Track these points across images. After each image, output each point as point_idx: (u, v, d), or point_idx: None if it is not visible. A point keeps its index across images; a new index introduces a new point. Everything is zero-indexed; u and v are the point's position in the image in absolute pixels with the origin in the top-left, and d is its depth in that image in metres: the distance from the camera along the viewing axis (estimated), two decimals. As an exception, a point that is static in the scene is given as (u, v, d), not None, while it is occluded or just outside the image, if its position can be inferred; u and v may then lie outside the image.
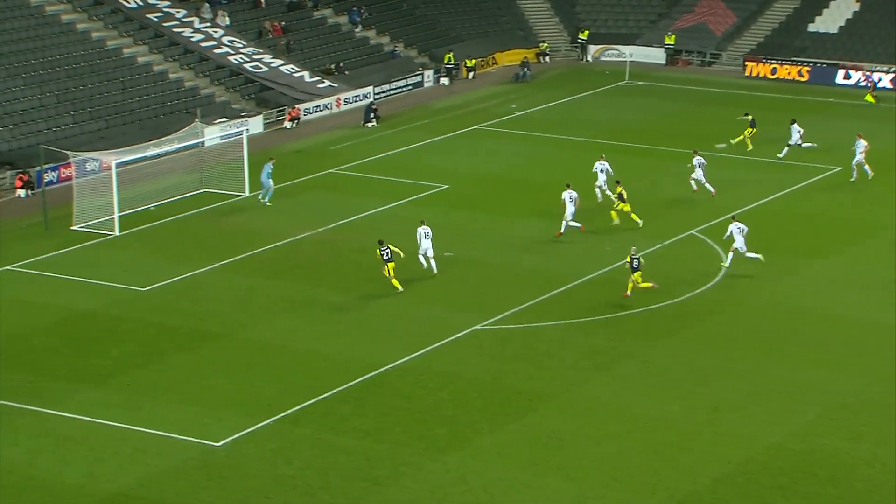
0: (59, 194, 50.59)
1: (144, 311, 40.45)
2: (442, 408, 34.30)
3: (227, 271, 44.04)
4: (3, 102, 57.01)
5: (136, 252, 45.88)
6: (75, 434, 32.26)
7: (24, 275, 43.56)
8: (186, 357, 37.18)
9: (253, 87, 65.88)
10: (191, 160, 53.90)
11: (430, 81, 72.13)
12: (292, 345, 38.09)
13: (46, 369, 36.01)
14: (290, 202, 51.52)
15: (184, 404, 34.00)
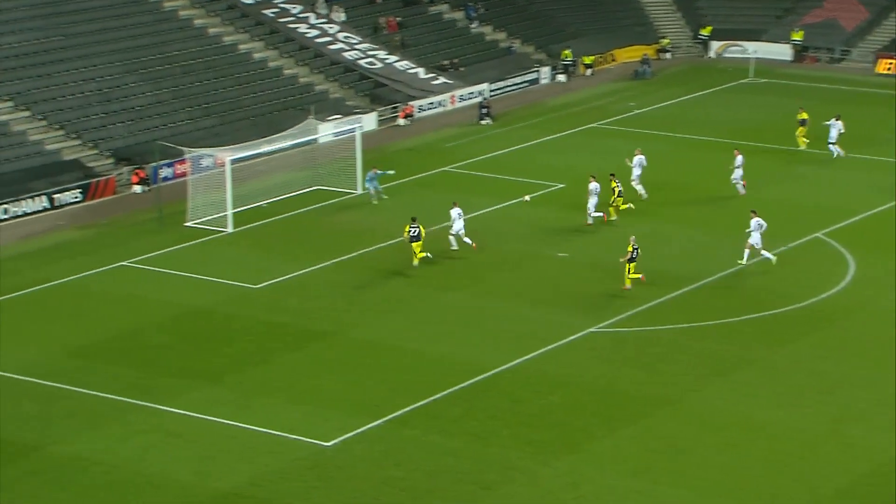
0: (173, 190, 51.50)
1: (256, 308, 40.95)
2: (553, 412, 34.13)
3: (337, 269, 44.38)
4: (121, 98, 58.24)
5: (249, 249, 46.46)
6: (186, 431, 32.78)
7: (139, 270, 44.43)
8: (296, 356, 37.55)
9: (367, 83, 66.33)
10: (304, 157, 54.44)
11: (547, 78, 71.85)
12: (401, 345, 38.24)
13: (159, 366, 36.67)
14: (402, 200, 51.69)
15: (293, 403, 34.33)
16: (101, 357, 37.09)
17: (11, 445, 31.76)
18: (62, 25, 60.04)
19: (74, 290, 42.42)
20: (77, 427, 32.82)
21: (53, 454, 31.48)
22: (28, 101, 55.90)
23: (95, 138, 55.68)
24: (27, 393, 34.71)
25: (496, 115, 64.36)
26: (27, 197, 50.46)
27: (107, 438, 32.28)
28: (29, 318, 39.98)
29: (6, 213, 49.67)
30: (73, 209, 51.10)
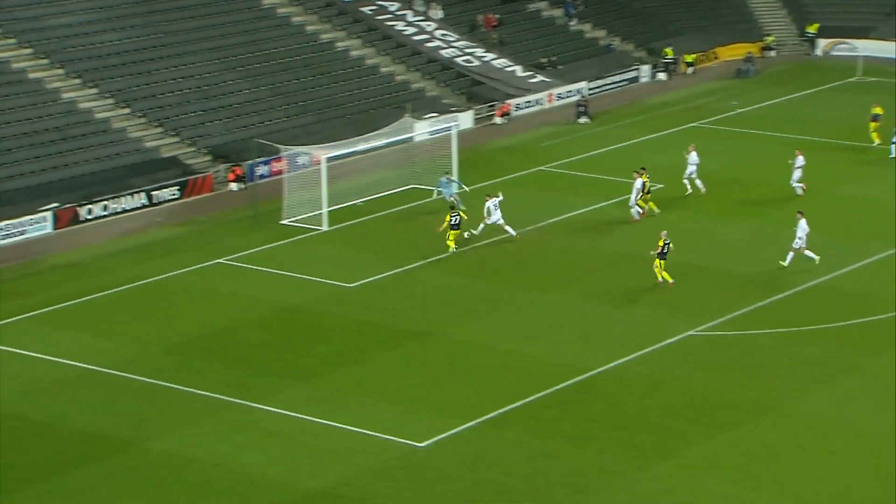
0: (269, 188, 52.00)
1: (350, 307, 41.18)
2: (650, 415, 33.83)
3: (431, 269, 44.44)
4: (219, 96, 58.95)
5: (343, 248, 46.75)
6: (280, 430, 33.06)
7: (235, 268, 44.93)
8: (390, 355, 37.68)
9: (464, 81, 66.37)
10: (400, 156, 54.63)
11: (647, 77, 71.29)
12: (496, 345, 38.18)
13: (254, 364, 37.03)
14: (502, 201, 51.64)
15: (387, 403, 34.45)
16: (197, 354, 37.57)
17: (108, 441, 32.31)
18: (162, 23, 60.93)
19: (171, 287, 43.03)
20: (173, 424, 33.27)
21: (150, 450, 31.94)
22: (128, 98, 56.83)
23: (193, 136, 56.44)
24: (124, 389, 35.27)
25: (594, 114, 64.00)
26: (126, 194, 51.30)
27: (203, 436, 32.67)
28: (126, 315, 40.63)
29: (105, 210, 50.55)
30: (171, 206, 51.83)
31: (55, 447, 32.00)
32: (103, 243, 47.68)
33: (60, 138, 53.10)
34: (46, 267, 45.30)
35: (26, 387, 35.31)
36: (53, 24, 58.08)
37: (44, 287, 43.04)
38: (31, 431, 32.76)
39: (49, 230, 48.89)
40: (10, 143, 51.85)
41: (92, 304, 41.48)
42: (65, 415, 33.62)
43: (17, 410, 33.85)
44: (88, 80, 56.66)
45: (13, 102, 53.53)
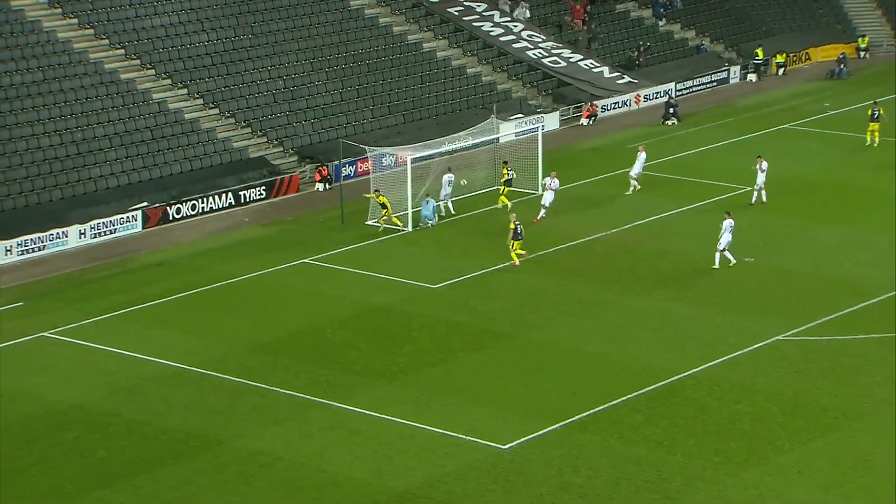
0: (355, 188, 52.33)
1: (436, 308, 41.31)
2: (739, 421, 33.53)
3: (517, 270, 44.44)
4: (307, 97, 59.43)
5: (428, 248, 46.90)
6: (365, 429, 33.26)
7: (321, 268, 45.28)
8: (476, 356, 37.73)
9: (551, 82, 66.24)
10: (485, 156, 54.68)
11: (737, 78, 70.63)
12: (583, 348, 38.08)
13: (340, 363, 37.29)
14: (584, 202, 51.52)
15: (472, 404, 34.50)
16: (284, 353, 37.92)
17: (197, 438, 32.73)
18: (251, 25, 61.53)
19: (258, 286, 43.49)
20: (260, 422, 33.62)
21: (237, 448, 32.31)
22: (217, 99, 57.50)
23: (281, 136, 56.96)
24: (213, 387, 35.71)
25: (682, 116, 63.53)
26: (214, 193, 51.92)
27: (289, 434, 32.98)
28: (214, 314, 41.14)
29: (194, 210, 51.21)
30: (258, 206, 52.37)
31: (146, 444, 32.50)
32: (192, 242, 48.32)
33: (151, 138, 53.87)
34: (136, 265, 46.02)
35: (119, 384, 35.90)
36: (146, 26, 58.93)
37: (134, 285, 43.72)
38: (122, 428, 33.30)
39: (139, 229, 49.65)
40: (103, 143, 52.71)
41: (181, 302, 42.06)
42: (156, 412, 34.13)
43: (110, 407, 34.43)
44: (179, 80, 57.44)
45: (106, 103, 54.41)
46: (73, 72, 54.96)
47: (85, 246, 47.92)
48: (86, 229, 48.26)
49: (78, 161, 51.44)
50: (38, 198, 49.37)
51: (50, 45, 55.64)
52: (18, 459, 31.75)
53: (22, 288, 43.65)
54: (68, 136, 52.20)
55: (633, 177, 52.12)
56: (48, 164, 50.78)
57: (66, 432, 33.04)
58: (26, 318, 40.72)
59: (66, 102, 53.47)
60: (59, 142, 51.80)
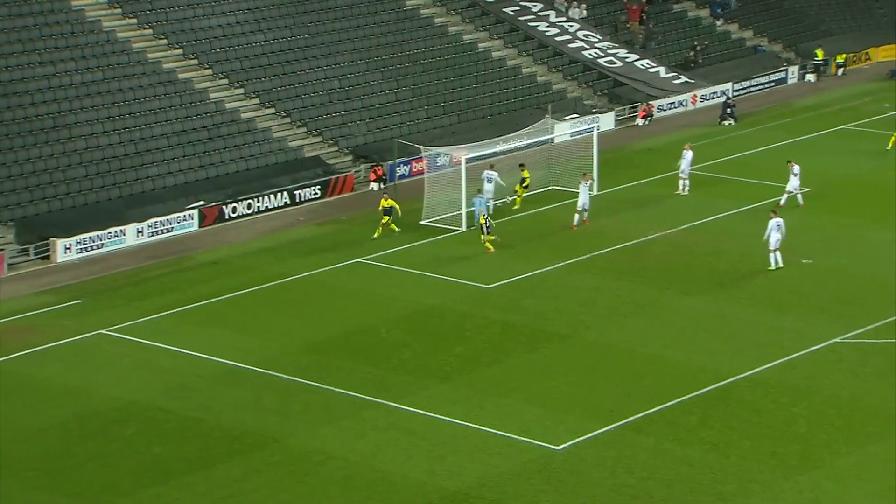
0: (409, 188, 52.40)
1: (489, 308, 41.29)
2: (795, 424, 33.25)
3: (572, 270, 44.33)
4: (362, 96, 59.60)
5: (482, 248, 46.87)
6: (418, 429, 33.31)
7: (375, 267, 45.39)
8: (530, 357, 37.69)
9: (606, 82, 66.02)
10: (539, 157, 54.59)
11: (795, 78, 70.04)
12: (637, 349, 37.93)
13: (394, 363, 37.38)
14: (639, 202, 51.30)
15: (526, 405, 34.46)
16: (338, 352, 38.06)
17: (252, 436, 32.92)
18: (307, 25, 61.82)
19: (312, 285, 43.67)
20: (314, 421, 33.77)
21: (292, 447, 32.47)
22: (273, 98, 57.81)
23: (336, 136, 57.17)
24: (267, 386, 35.91)
25: (739, 116, 63.09)
26: (269, 193, 52.20)
27: (343, 434, 33.09)
28: (269, 313, 41.35)
29: (249, 209, 51.51)
30: (312, 205, 52.59)
31: (200, 441, 32.74)
32: (246, 241, 48.61)
33: (207, 138, 54.26)
34: (192, 264, 46.36)
35: (174, 382, 36.19)
36: (203, 26, 59.36)
37: (189, 284, 44.05)
38: (177, 425, 33.57)
39: (195, 228, 50.01)
40: (160, 142, 53.15)
41: (236, 301, 42.32)
42: (210, 410, 34.37)
43: (165, 404, 34.72)
44: (235, 80, 57.81)
45: (164, 103, 54.86)
46: (131, 71, 55.47)
47: (142, 244, 48.35)
48: (143, 228, 48.70)
49: (136, 160, 51.91)
50: (97, 196, 49.88)
51: (109, 45, 56.19)
52: (75, 455, 32.10)
53: (80, 286, 44.12)
54: (126, 135, 52.70)
55: (683, 176, 51.80)
56: (106, 163, 51.29)
57: (122, 429, 33.35)
58: (84, 315, 41.15)
59: (124, 102, 53.97)
60: (117, 141, 52.31)
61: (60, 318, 41.00)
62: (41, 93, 52.56)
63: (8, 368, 37.13)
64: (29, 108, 51.82)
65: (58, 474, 31.29)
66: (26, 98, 52.11)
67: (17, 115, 51.39)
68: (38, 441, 32.74)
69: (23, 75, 52.89)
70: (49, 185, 49.38)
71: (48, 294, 43.33)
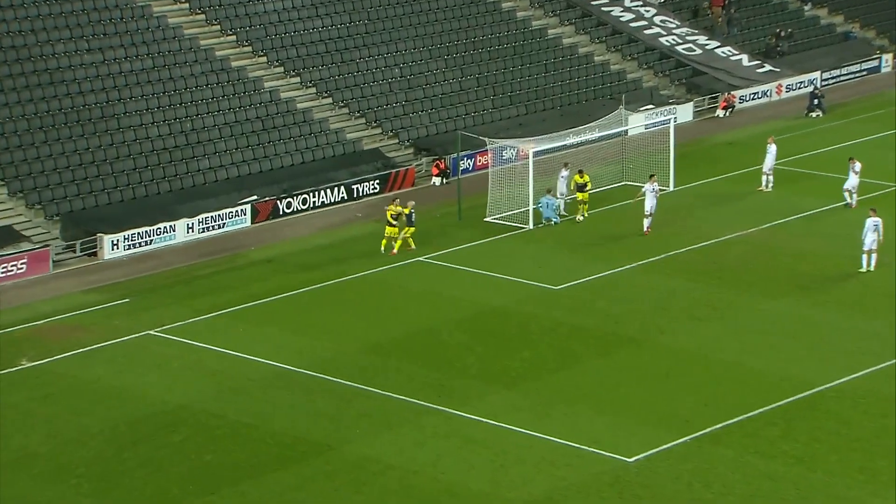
0: (473, 183, 52.47)
1: (557, 310, 41.26)
2: (886, 437, 32.92)
3: (646, 271, 44.18)
4: (424, 86, 59.73)
5: (550, 247, 46.84)
6: (481, 437, 33.35)
7: (436, 266, 45.49)
8: (600, 362, 37.62)
9: (684, 71, 65.70)
10: (612, 150, 54.43)
11: (889, 66, 69.29)
12: (715, 355, 37.74)
13: (456, 367, 37.46)
14: (719, 199, 51.02)
15: (596, 414, 34.41)
16: (397, 355, 38.20)
17: (306, 443, 33.14)
18: (367, 10, 61.99)
19: (370, 284, 43.85)
20: (372, 428, 33.91)
21: (347, 454, 32.63)
22: (330, 88, 58.10)
23: (396, 127, 57.37)
24: (322, 390, 36.12)
25: (828, 107, 62.53)
26: (326, 187, 52.48)
27: (402, 441, 33.22)
28: (325, 313, 41.59)
29: (304, 204, 51.81)
30: (371, 201, 52.80)
31: (253, 448, 33.00)
32: (302, 238, 48.91)
33: (262, 129, 54.63)
34: (245, 262, 46.73)
35: (225, 385, 36.52)
36: (258, 12, 59.76)
37: (242, 282, 44.41)
38: (229, 431, 33.87)
39: (248, 224, 50.40)
40: (213, 133, 53.58)
41: (290, 300, 42.61)
42: (262, 415, 34.65)
43: (216, 409, 35.04)
44: (291, 69, 58.18)
45: (217, 92, 55.29)
46: (183, 59, 56.00)
47: (193, 240, 48.80)
48: (194, 223, 49.17)
49: (187, 152, 52.41)
50: (146, 190, 50.42)
51: (160, 32, 56.75)
52: (125, 461, 32.48)
53: (128, 283, 44.64)
54: (177, 126, 53.22)
55: (766, 172, 51.49)
56: (156, 155, 51.82)
57: (172, 434, 33.71)
58: (133, 314, 41.63)
59: (175, 91, 54.51)
60: (167, 132, 52.83)
61: (108, 317, 41.51)
62: (89, 81, 53.22)
63: (55, 369, 37.67)
64: (76, 97, 52.50)
65: (106, 481, 31.69)
66: (73, 87, 52.81)
67: (64, 105, 52.09)
68: (87, 446, 33.17)
69: (70, 63, 53.58)
70: (96, 179, 50.01)
71: (95, 292, 43.88)
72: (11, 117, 50.68)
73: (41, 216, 48.24)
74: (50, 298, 43.29)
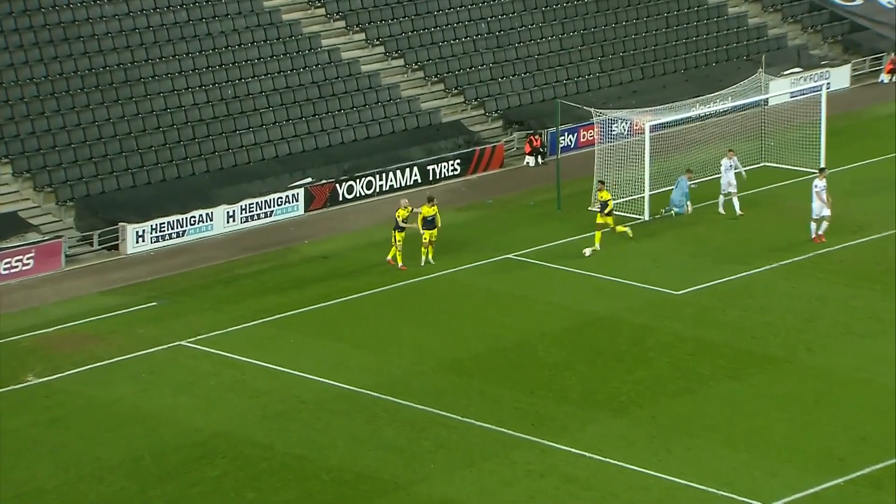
0: (575, 164, 52.37)
1: (679, 321, 41.10)
2: None
3: (790, 274, 43.94)
4: (516, 45, 59.69)
5: (670, 243, 46.65)
6: (583, 476, 33.30)
7: (530, 266, 45.46)
8: (732, 386, 37.43)
9: (840, 26, 65.22)
10: (749, 124, 54.13)
11: None
12: (876, 379, 37.44)
13: (553, 389, 37.42)
14: (882, 184, 50.59)
15: (726, 448, 34.25)
16: (481, 375, 38.23)
17: (369, 481, 33.24)
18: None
19: (449, 287, 43.94)
20: (450, 463, 33.95)
21: (420, 495, 32.70)
22: (402, 47, 58.30)
23: (482, 95, 57.44)
24: (389, 416, 36.21)
25: None
26: (395, 168, 52.62)
27: (486, 479, 33.22)
28: (393, 322, 41.71)
29: (369, 189, 52.04)
30: (450, 185, 52.89)
31: (305, 486, 33.16)
32: (366, 230, 49.09)
33: (318, 97, 54.91)
34: (296, 258, 47.00)
35: (272, 409, 36.72)
36: (312, -47, 60.12)
37: (293, 284, 44.66)
38: (276, 465, 34.05)
39: (300, 212, 50.73)
40: (259, 101, 53.85)
41: (351, 306, 42.79)
42: (317, 446, 34.79)
43: (261, 438, 35.24)
44: (354, 24, 58.45)
45: (264, 51, 55.54)
46: (223, 11, 56.38)
47: (234, 232, 49.17)
48: (235, 211, 49.56)
49: (227, 125, 52.80)
50: (178, 171, 50.87)
51: (194, -22, 57.22)
52: (150, 501, 32.75)
53: (157, 283, 45.06)
54: (215, 92, 53.60)
55: None
56: (190, 127, 52.24)
57: (207, 468, 33.95)
58: (162, 321, 42.01)
59: (213, 50, 54.89)
60: (203, 100, 53.24)
61: (131, 324, 41.92)
62: (109, 38, 53.71)
63: (67, 388, 38.09)
64: (94, 57, 53.00)
65: (126, 523, 32.05)
66: (91, 44, 53.32)
67: (81, 67, 52.61)
68: (104, 481, 33.48)
69: (88, 15, 54.11)
70: (118, 157, 50.52)
71: (116, 294, 44.32)
72: (17, 81, 51.26)
73: (52, 201, 48.84)
74: (61, 301, 43.80)
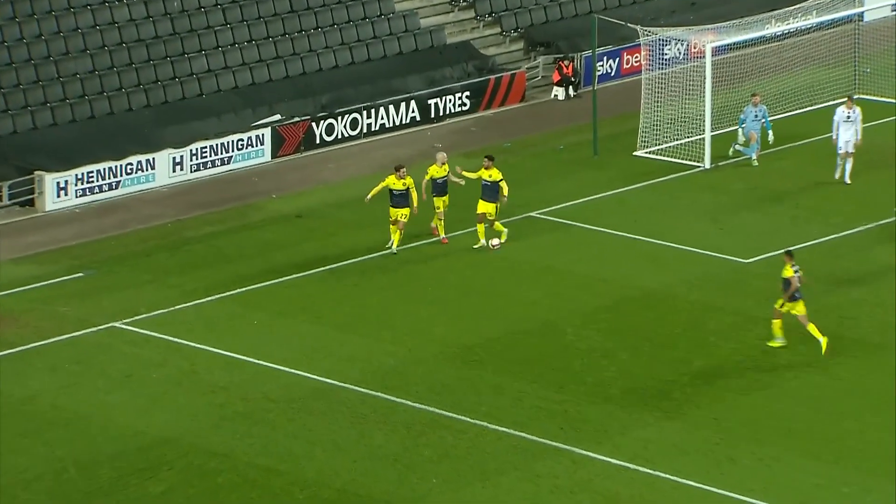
0: (617, 97, 52.43)
1: (748, 296, 41.26)
2: None
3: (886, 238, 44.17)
4: (538, -56, 59.75)
5: (739, 197, 46.76)
6: (626, 493, 33.39)
7: (557, 226, 45.55)
8: (814, 379, 37.56)
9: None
10: (839, 45, 54.16)
11: None
12: None
13: (588, 384, 37.50)
14: None
15: (807, 458, 34.34)
16: (495, 366, 38.31)
17: (356, 499, 33.29)
18: None
19: (454, 255, 44.00)
20: (458, 475, 34.02)
21: (419, 517, 32.95)
22: (394, -53, 58.27)
23: (497, 10, 57.37)
24: (380, 417, 36.27)
25: None
26: (388, 102, 52.60)
27: (504, 497, 33.32)
28: (383, 300, 41.77)
29: (354, 128, 51.95)
30: (457, 122, 52.93)
31: None
32: (350, 181, 49.11)
33: (288, 10, 54.76)
34: (261, 217, 47.07)
35: (231, 409, 36.78)
36: None
37: (257, 250, 44.75)
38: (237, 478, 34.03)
39: (266, 158, 50.78)
40: (213, 17, 53.55)
41: (332, 279, 42.86)
42: (288, 455, 34.89)
43: (218, 445, 35.27)
44: (333, -84, 58.36)
45: (216, -47, 55.51)
46: None
47: (181, 184, 49.24)
48: (183, 157, 49.63)
49: (172, 47, 52.71)
50: (110, 105, 50.86)
51: None
52: (75, 523, 32.99)
53: (84, 249, 45.11)
54: (158, 6, 53.44)
55: None
56: (126, 50, 52.14)
57: (149, 483, 34.04)
58: (90, 297, 42.10)
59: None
60: (143, 14, 53.06)
61: (51, 301, 41.98)
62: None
63: (-31, 381, 38.26)
64: (4, -39, 52.97)
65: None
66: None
67: (-14, -26, 52.55)
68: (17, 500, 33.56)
69: None
70: (34, 87, 50.51)
71: (31, 262, 44.38)
72: None
73: (-49, 145, 48.97)
74: (-36, 271, 43.96)
